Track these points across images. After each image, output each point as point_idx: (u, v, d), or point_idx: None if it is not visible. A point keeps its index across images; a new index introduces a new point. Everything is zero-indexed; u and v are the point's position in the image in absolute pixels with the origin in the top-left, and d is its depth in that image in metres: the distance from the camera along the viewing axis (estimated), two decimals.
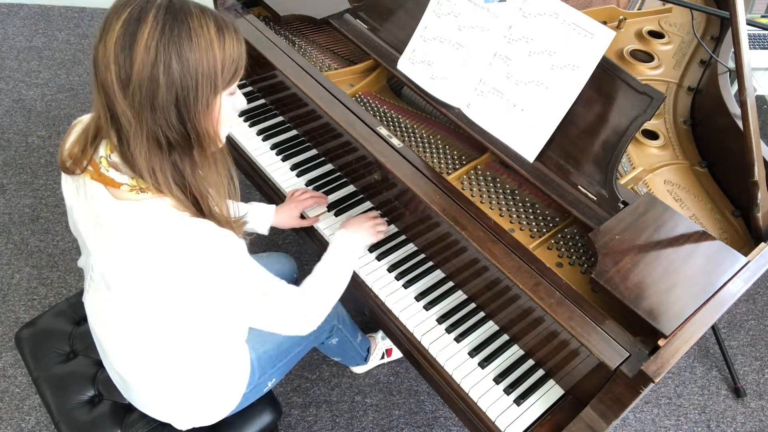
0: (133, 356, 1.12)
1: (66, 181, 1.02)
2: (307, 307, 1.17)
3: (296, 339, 1.38)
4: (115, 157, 0.91)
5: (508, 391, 1.20)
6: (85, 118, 1.00)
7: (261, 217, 1.42)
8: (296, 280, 1.64)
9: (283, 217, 1.44)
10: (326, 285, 1.21)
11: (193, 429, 1.27)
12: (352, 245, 1.30)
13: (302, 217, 1.46)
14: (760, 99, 2.97)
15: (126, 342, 1.11)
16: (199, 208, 0.94)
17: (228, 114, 0.94)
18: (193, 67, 0.83)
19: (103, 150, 0.93)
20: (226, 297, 0.98)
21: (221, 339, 1.16)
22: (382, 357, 1.94)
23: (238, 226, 1.01)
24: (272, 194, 1.57)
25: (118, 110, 0.85)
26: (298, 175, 1.56)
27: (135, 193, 0.91)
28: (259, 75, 1.72)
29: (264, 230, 1.43)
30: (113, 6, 0.85)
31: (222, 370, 1.21)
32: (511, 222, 1.30)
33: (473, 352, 1.25)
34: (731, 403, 2.00)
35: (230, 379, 1.24)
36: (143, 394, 1.19)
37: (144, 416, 1.27)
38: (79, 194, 0.98)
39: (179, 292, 0.94)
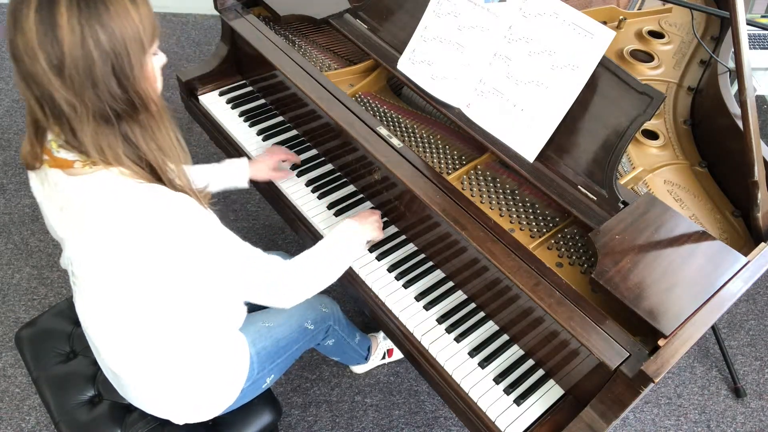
0: (124, 350, 1.12)
1: (32, 179, 1.03)
2: (297, 279, 1.17)
3: (293, 337, 1.38)
4: (62, 139, 0.93)
5: (508, 391, 1.20)
6: None
7: (237, 170, 1.46)
8: None
9: (260, 166, 1.49)
10: (322, 263, 1.22)
11: (193, 429, 1.27)
12: (357, 234, 1.30)
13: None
14: (760, 99, 2.97)
15: (115, 336, 1.11)
16: (156, 176, 0.95)
17: (158, 73, 0.96)
18: (119, 34, 0.84)
19: (50, 134, 0.94)
20: (195, 259, 0.98)
21: (212, 326, 1.16)
22: (383, 357, 1.94)
23: (203, 197, 1.02)
24: (272, 195, 1.57)
25: (56, 97, 0.85)
26: (298, 175, 1.56)
27: (88, 167, 0.92)
28: (259, 75, 1.72)
29: (244, 183, 1.48)
30: (13, 3, 0.84)
31: (219, 361, 1.21)
32: (511, 222, 1.30)
33: (473, 352, 1.25)
34: (731, 403, 2.00)
35: (228, 372, 1.24)
36: (138, 390, 1.19)
37: (144, 416, 1.27)
38: (44, 186, 1.00)
39: (149, 261, 0.95)
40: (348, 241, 1.28)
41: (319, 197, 1.52)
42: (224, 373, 1.23)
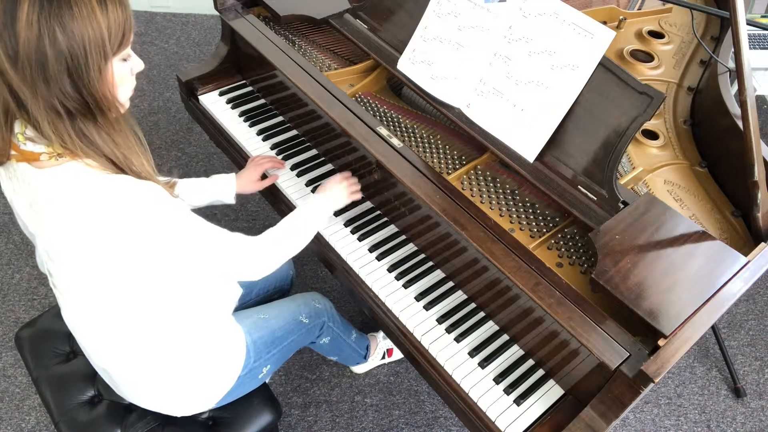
0: (111, 345, 1.12)
1: (2, 177, 1.03)
2: (261, 252, 1.19)
3: (289, 328, 1.39)
4: (30, 131, 0.94)
5: (508, 391, 1.20)
6: None
7: (224, 186, 1.45)
8: (293, 278, 1.64)
9: (245, 181, 1.49)
10: (285, 237, 1.25)
11: (192, 429, 1.27)
12: (323, 207, 1.34)
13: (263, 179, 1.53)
14: (760, 99, 2.97)
15: (99, 331, 1.11)
16: (118, 167, 0.96)
17: (124, 78, 0.96)
18: (78, 36, 0.85)
19: (17, 127, 0.95)
20: (164, 243, 0.99)
21: (201, 310, 1.16)
22: (383, 357, 1.94)
23: (168, 188, 1.03)
24: (272, 195, 1.57)
25: (13, 86, 0.87)
26: (298, 175, 1.56)
27: (54, 159, 0.93)
28: (259, 75, 1.72)
29: (231, 199, 1.47)
30: None
31: (214, 348, 1.22)
32: (511, 222, 1.30)
33: (473, 352, 1.25)
34: (731, 403, 2.00)
35: (225, 358, 1.24)
36: (131, 384, 1.19)
37: (144, 416, 1.27)
38: (12, 182, 1.00)
39: (120, 250, 0.96)
40: (311, 215, 1.32)
41: None
42: (220, 359, 1.24)
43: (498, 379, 1.22)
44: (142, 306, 1.06)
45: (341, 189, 1.39)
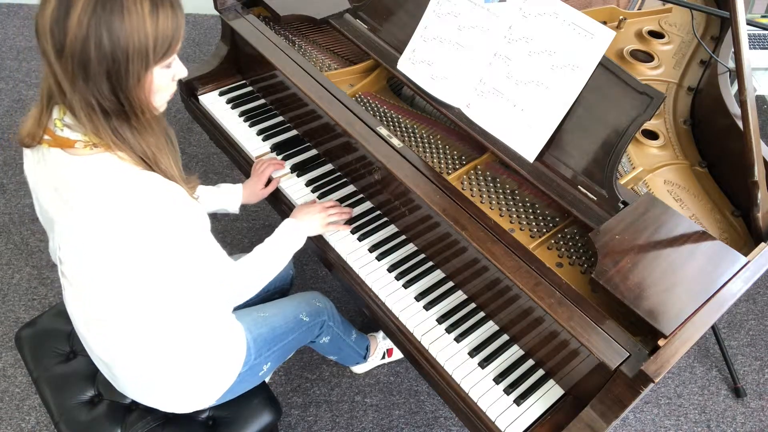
0: (114, 338, 1.13)
1: (27, 158, 1.06)
2: (235, 282, 1.21)
3: (289, 327, 1.40)
4: (68, 119, 0.96)
5: (508, 391, 1.20)
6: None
7: (230, 196, 1.48)
8: (293, 278, 1.64)
9: (249, 192, 1.51)
10: (257, 268, 1.26)
11: (192, 429, 1.27)
12: (295, 235, 1.34)
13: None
14: (760, 99, 2.97)
15: (104, 323, 1.11)
16: (148, 165, 0.98)
17: (165, 84, 0.98)
18: (123, 43, 0.87)
19: (56, 113, 0.98)
20: (174, 248, 1.01)
21: (204, 308, 1.17)
22: (383, 357, 1.94)
23: (191, 186, 1.06)
24: (272, 195, 1.57)
25: (57, 76, 0.90)
26: (299, 175, 1.56)
27: (89, 148, 0.96)
28: (259, 75, 1.72)
29: (235, 209, 1.50)
30: None
31: (215, 344, 1.22)
32: (511, 222, 1.30)
33: (473, 352, 1.25)
34: (731, 403, 2.00)
35: (225, 355, 1.25)
36: (132, 379, 1.20)
37: (144, 416, 1.27)
38: (39, 166, 1.02)
39: (132, 245, 0.98)
40: (286, 243, 1.33)
41: (320, 197, 1.52)
42: (221, 356, 1.24)
43: (498, 379, 1.22)
44: (146, 301, 1.07)
45: (318, 218, 1.39)
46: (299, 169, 1.57)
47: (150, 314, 1.09)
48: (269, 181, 1.55)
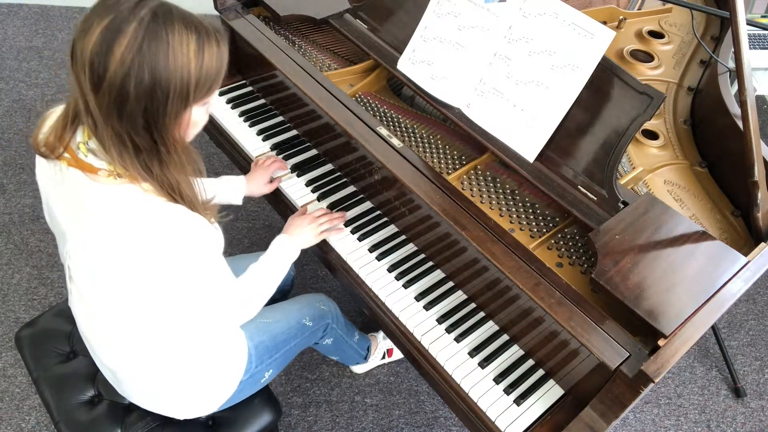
0: (120, 346, 1.12)
1: (41, 165, 1.03)
2: (241, 306, 1.20)
3: (292, 333, 1.39)
4: (93, 144, 0.93)
5: (508, 391, 1.20)
6: (59, 109, 1.01)
7: (233, 188, 1.46)
8: (293, 278, 1.64)
9: (254, 185, 1.49)
10: (255, 287, 1.24)
11: (192, 429, 1.27)
12: (289, 249, 1.32)
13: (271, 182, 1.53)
14: (760, 99, 2.97)
15: (110, 332, 1.11)
16: (172, 194, 0.96)
17: (201, 119, 0.96)
18: (165, 83, 0.84)
19: (80, 136, 0.95)
20: (190, 278, 1.01)
21: (206, 324, 1.16)
22: (383, 357, 1.94)
23: (211, 209, 1.04)
24: (273, 194, 1.57)
25: (89, 105, 0.87)
26: (299, 175, 1.56)
27: (113, 178, 0.93)
28: (259, 75, 1.72)
29: (238, 200, 1.48)
30: (98, 5, 0.85)
31: (217, 354, 1.22)
32: (511, 222, 1.30)
33: (473, 352, 1.25)
34: (731, 403, 2.00)
35: (227, 365, 1.24)
36: (136, 386, 1.19)
37: (144, 416, 1.27)
38: (55, 179, 1.00)
39: (149, 271, 0.97)
40: (279, 258, 1.30)
41: (319, 198, 1.52)
42: (222, 365, 1.23)
43: (498, 379, 1.22)
44: (155, 319, 1.06)
45: (309, 230, 1.37)
46: (299, 169, 1.57)
47: (158, 330, 1.09)
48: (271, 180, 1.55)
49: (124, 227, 0.94)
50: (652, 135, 1.50)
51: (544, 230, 1.28)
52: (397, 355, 1.96)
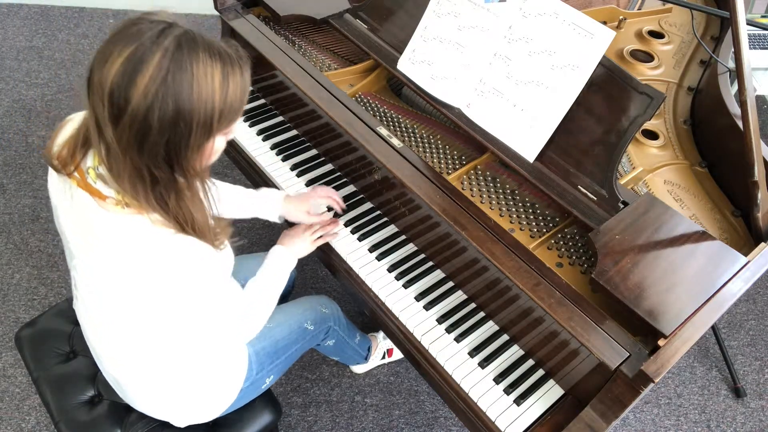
0: (125, 357, 1.13)
1: (52, 177, 1.01)
2: (245, 323, 1.20)
3: (293, 338, 1.38)
4: (103, 170, 0.90)
5: (508, 391, 1.20)
6: (77, 117, 0.99)
7: (269, 203, 1.38)
8: (294, 278, 1.64)
9: (291, 206, 1.39)
10: (257, 301, 1.22)
11: (193, 429, 1.27)
12: (286, 259, 1.30)
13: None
14: (760, 99, 2.97)
15: (115, 343, 1.11)
16: (184, 226, 0.93)
17: (221, 146, 0.93)
18: (188, 114, 0.82)
19: (90, 160, 0.92)
20: (196, 305, 1.01)
21: (211, 336, 1.16)
22: (383, 357, 1.94)
23: (222, 233, 1.00)
24: None
25: (105, 136, 0.83)
26: (298, 175, 1.56)
27: (120, 206, 0.90)
28: (259, 75, 1.72)
29: (274, 217, 1.40)
30: (118, 34, 0.82)
31: (219, 364, 1.21)
32: (511, 222, 1.30)
33: (473, 352, 1.25)
34: (731, 403, 2.00)
35: (228, 373, 1.24)
36: (139, 394, 1.19)
37: (144, 416, 1.27)
38: (65, 195, 0.98)
39: (155, 297, 0.97)
40: (277, 270, 1.28)
41: None
42: (223, 373, 1.23)
43: (498, 379, 1.22)
44: (157, 332, 1.06)
45: (304, 240, 1.34)
46: (299, 169, 1.57)
47: (163, 344, 1.09)
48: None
49: (131, 257, 0.92)
50: (652, 135, 1.50)
51: (544, 230, 1.28)
52: (397, 355, 1.96)
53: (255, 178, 1.63)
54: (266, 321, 1.24)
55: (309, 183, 1.54)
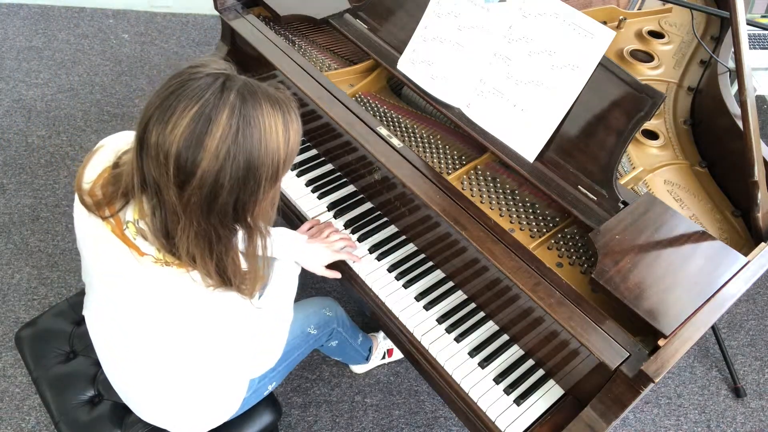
0: (135, 373, 1.13)
1: (78, 208, 0.94)
2: (267, 349, 1.19)
3: (295, 343, 1.38)
4: (144, 225, 0.84)
5: (508, 391, 1.20)
6: (109, 144, 0.94)
7: (284, 249, 1.27)
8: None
9: (306, 257, 1.29)
10: (276, 320, 1.19)
11: None
12: (289, 270, 1.26)
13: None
14: (760, 99, 2.97)
15: (127, 363, 1.12)
16: (230, 280, 0.89)
17: (276, 198, 0.90)
18: (258, 169, 0.78)
19: (130, 213, 0.86)
20: (222, 348, 1.02)
21: (231, 366, 1.16)
22: (383, 357, 1.94)
23: (261, 278, 0.97)
24: None
25: (165, 198, 0.78)
26: (298, 175, 1.56)
27: (160, 264, 0.86)
28: (259, 75, 1.72)
29: (291, 264, 1.29)
30: (175, 91, 0.76)
31: (222, 378, 1.21)
32: (511, 222, 1.30)
33: (473, 352, 1.25)
34: (731, 403, 2.00)
35: (230, 385, 1.23)
36: (144, 405, 1.20)
37: None
38: (94, 233, 0.92)
39: (183, 342, 0.97)
40: (290, 285, 1.24)
41: (319, 197, 1.52)
42: (226, 385, 1.22)
43: (498, 379, 1.22)
44: (177, 359, 1.05)
45: (323, 255, 1.30)
46: (299, 169, 1.57)
47: (179, 369, 1.08)
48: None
49: (164, 309, 0.90)
50: (652, 135, 1.50)
51: (544, 230, 1.28)
52: (397, 355, 1.96)
53: None
54: (286, 335, 1.21)
55: (309, 183, 1.54)
